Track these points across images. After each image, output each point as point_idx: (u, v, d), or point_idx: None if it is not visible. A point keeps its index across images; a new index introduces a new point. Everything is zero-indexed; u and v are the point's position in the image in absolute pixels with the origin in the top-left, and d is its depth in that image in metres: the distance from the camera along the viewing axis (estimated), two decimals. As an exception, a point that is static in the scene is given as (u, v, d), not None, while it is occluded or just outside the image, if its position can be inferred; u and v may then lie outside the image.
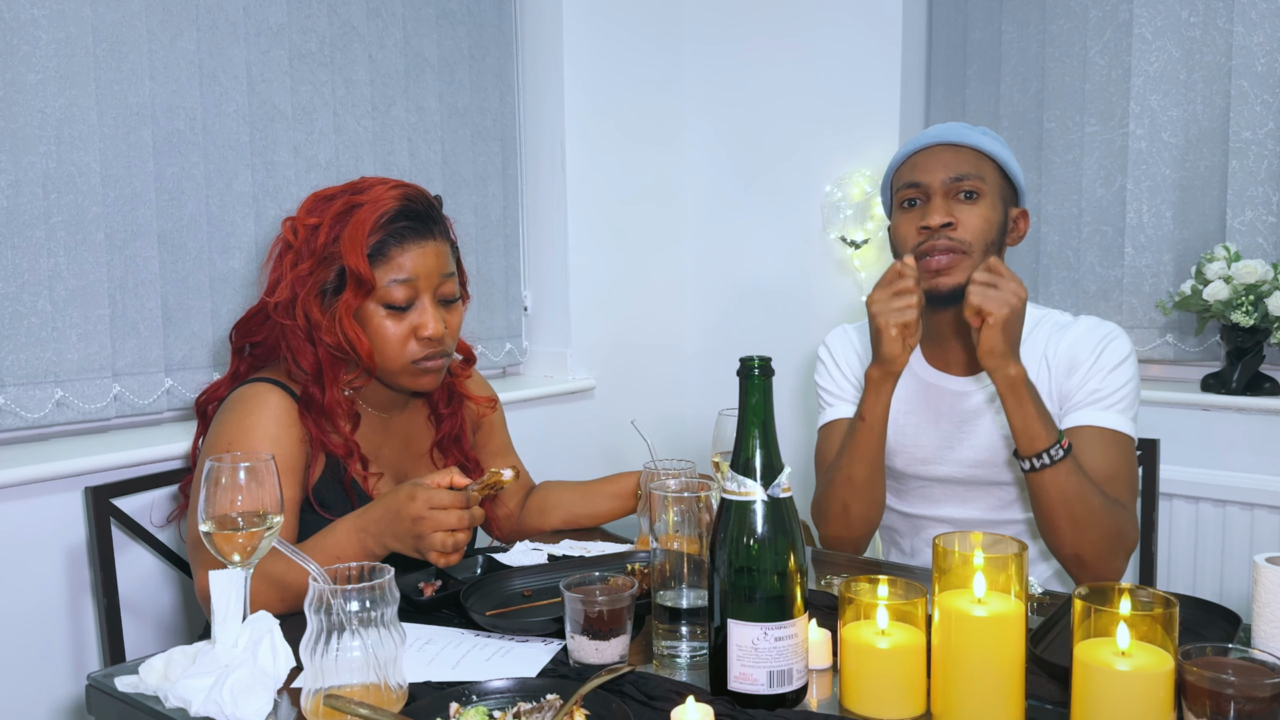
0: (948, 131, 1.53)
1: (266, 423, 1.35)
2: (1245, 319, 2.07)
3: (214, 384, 1.52)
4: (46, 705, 1.62)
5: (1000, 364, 1.37)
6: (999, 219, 1.51)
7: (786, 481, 1.03)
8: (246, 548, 1.06)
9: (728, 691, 1.01)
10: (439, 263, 1.40)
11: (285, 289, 1.38)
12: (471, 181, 2.44)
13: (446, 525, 1.23)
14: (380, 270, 1.36)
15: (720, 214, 2.85)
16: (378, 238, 1.36)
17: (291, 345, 1.39)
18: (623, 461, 2.64)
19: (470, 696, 0.98)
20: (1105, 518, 1.40)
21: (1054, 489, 1.38)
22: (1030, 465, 1.38)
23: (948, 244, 1.48)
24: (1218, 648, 0.89)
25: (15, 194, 1.63)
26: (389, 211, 1.37)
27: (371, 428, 1.48)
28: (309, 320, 1.38)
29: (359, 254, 1.34)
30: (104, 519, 1.59)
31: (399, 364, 1.40)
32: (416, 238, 1.38)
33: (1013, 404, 1.38)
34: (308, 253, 1.38)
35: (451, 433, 1.57)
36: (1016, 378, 1.37)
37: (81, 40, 1.69)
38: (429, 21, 2.31)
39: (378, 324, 1.38)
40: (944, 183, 1.49)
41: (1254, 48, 2.17)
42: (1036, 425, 1.37)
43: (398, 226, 1.37)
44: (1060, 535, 1.41)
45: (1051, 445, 1.37)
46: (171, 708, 1.01)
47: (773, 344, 2.64)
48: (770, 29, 2.71)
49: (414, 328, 1.39)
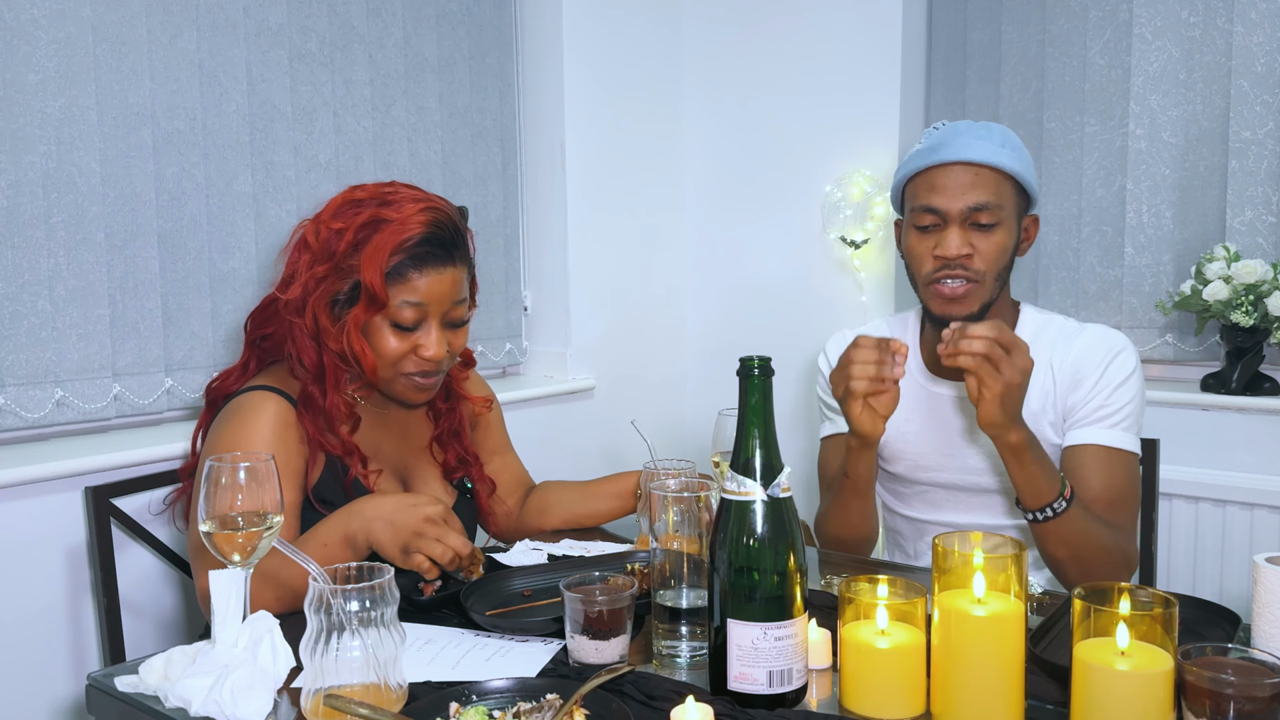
0: (969, 147, 1.45)
1: (263, 430, 1.36)
2: (1245, 319, 2.07)
3: (225, 371, 1.52)
4: (46, 705, 1.62)
5: (1000, 432, 1.32)
6: (1013, 242, 1.50)
7: (786, 481, 1.03)
8: (246, 548, 1.06)
9: (727, 691, 1.01)
10: (454, 289, 1.41)
11: (298, 288, 1.39)
12: (471, 181, 2.44)
13: (449, 542, 1.27)
14: (394, 290, 1.37)
15: (720, 214, 2.85)
16: (399, 259, 1.36)
17: (297, 342, 1.41)
18: (623, 462, 2.63)
19: (470, 696, 0.98)
20: (1110, 552, 1.40)
21: (1058, 537, 1.38)
22: (1034, 517, 1.38)
23: (964, 273, 1.46)
24: (1217, 647, 0.89)
25: (15, 194, 1.63)
26: (414, 237, 1.36)
27: (370, 424, 1.49)
28: (317, 323, 1.39)
29: (378, 274, 1.35)
30: (104, 519, 1.59)
31: (392, 375, 1.42)
32: (436, 264, 1.38)
33: (1015, 466, 1.35)
34: (325, 256, 1.38)
35: (450, 428, 1.58)
36: (1018, 444, 1.33)
37: (81, 40, 1.69)
38: (429, 22, 2.31)
39: (381, 338, 1.39)
40: (962, 211, 1.45)
41: (1254, 48, 2.17)
42: (1040, 482, 1.35)
43: (420, 251, 1.37)
44: (1066, 573, 1.42)
45: (1055, 499, 1.35)
46: (171, 708, 1.01)
47: (773, 344, 2.63)
48: (770, 29, 2.71)
49: (415, 346, 1.40)
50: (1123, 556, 1.43)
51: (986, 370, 1.28)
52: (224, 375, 1.51)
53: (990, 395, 1.28)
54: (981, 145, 1.45)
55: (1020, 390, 1.30)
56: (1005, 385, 1.28)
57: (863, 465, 1.47)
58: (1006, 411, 1.30)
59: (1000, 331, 1.28)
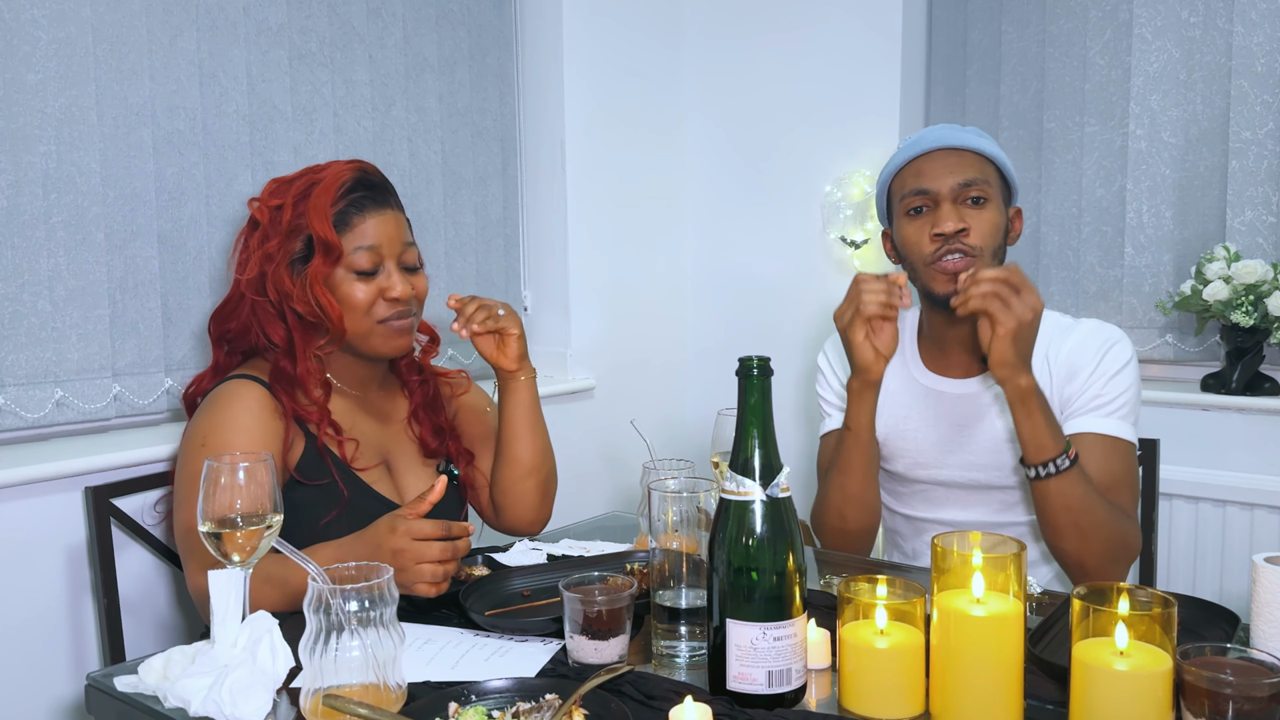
0: (947, 135, 1.51)
1: (239, 414, 1.38)
2: (1245, 319, 2.07)
3: (197, 376, 1.55)
4: (46, 705, 1.62)
5: (1011, 374, 1.35)
6: (1004, 222, 1.52)
7: (785, 481, 1.03)
8: (246, 548, 1.06)
9: (726, 691, 1.01)
10: (399, 231, 1.47)
11: (254, 266, 1.44)
12: (471, 181, 2.44)
13: (429, 557, 1.22)
14: (345, 238, 1.43)
15: (720, 214, 2.85)
16: (340, 206, 1.43)
17: (262, 321, 1.45)
18: (623, 461, 2.64)
19: (469, 696, 0.98)
20: (1109, 527, 1.40)
21: (1059, 497, 1.38)
22: (1036, 473, 1.38)
23: (963, 247, 1.47)
24: (1216, 647, 0.89)
25: (15, 194, 1.63)
26: (348, 182, 1.44)
27: (347, 406, 1.50)
28: (280, 292, 1.43)
29: (324, 221, 1.41)
30: (104, 519, 1.59)
31: (368, 325, 1.45)
32: (376, 206, 1.45)
33: (1021, 414, 1.37)
34: (274, 230, 1.44)
35: (424, 400, 1.59)
36: (1027, 388, 1.35)
37: (81, 40, 1.69)
38: (429, 22, 2.31)
39: (347, 289, 1.43)
40: (953, 189, 1.48)
41: (1254, 48, 2.17)
42: (1045, 435, 1.37)
43: (357, 196, 1.44)
44: (1065, 543, 1.41)
45: (1059, 455, 1.36)
46: (171, 707, 1.01)
47: (773, 344, 2.63)
48: (770, 29, 2.71)
49: (381, 290, 1.44)
50: (1122, 537, 1.42)
51: (997, 306, 1.32)
52: (197, 380, 1.55)
53: (1003, 332, 1.32)
54: (960, 134, 1.52)
55: (1032, 329, 1.33)
56: (1017, 322, 1.31)
57: (864, 412, 1.48)
58: (1018, 351, 1.33)
59: (1010, 273, 1.33)
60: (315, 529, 1.39)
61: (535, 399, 1.57)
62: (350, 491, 1.43)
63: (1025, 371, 1.35)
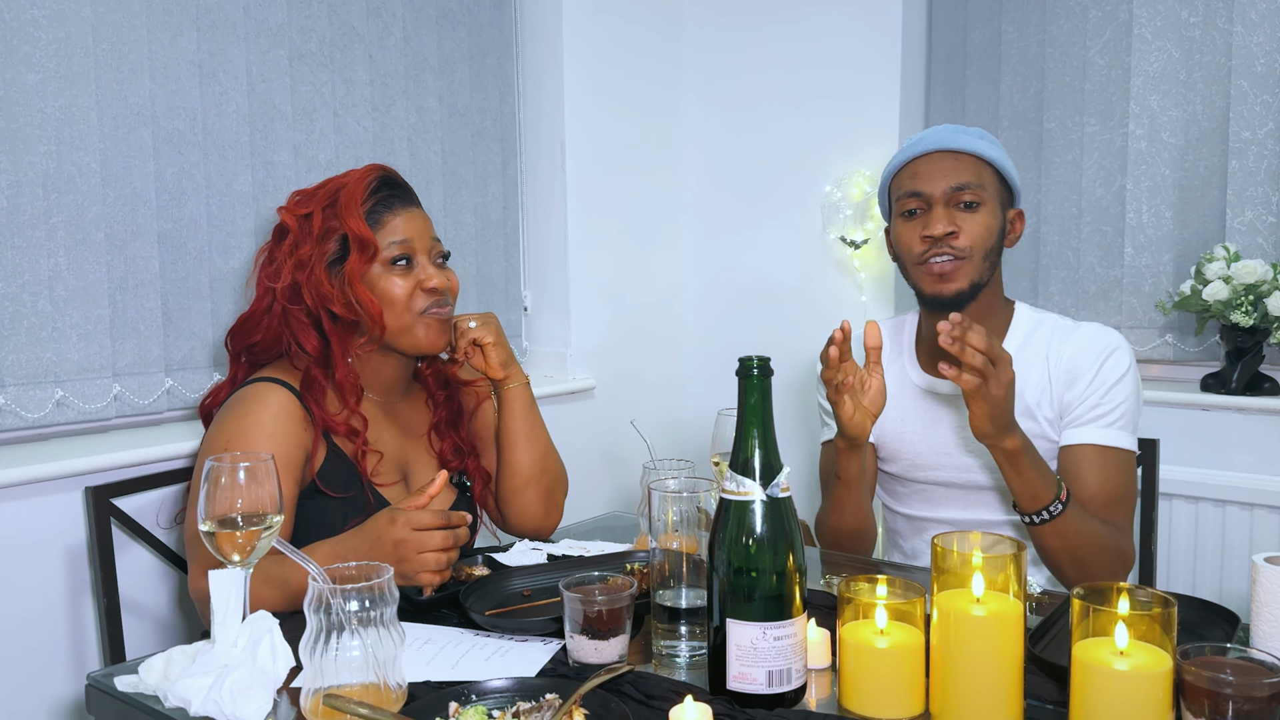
0: (946, 138, 1.52)
1: (264, 420, 1.37)
2: (1245, 319, 2.07)
3: (215, 388, 1.55)
4: (46, 705, 1.62)
5: (995, 441, 1.34)
6: (999, 225, 1.53)
7: (785, 481, 1.03)
8: (246, 548, 1.06)
9: (726, 691, 1.01)
10: (428, 226, 1.51)
11: (287, 274, 1.44)
12: (471, 181, 2.44)
13: (430, 546, 1.23)
14: (378, 234, 1.44)
15: (720, 214, 2.85)
16: (370, 205, 1.45)
17: (295, 330, 1.44)
18: (622, 461, 2.64)
19: (469, 696, 0.99)
20: (1107, 550, 1.41)
21: (1055, 538, 1.39)
22: (1031, 520, 1.39)
23: (951, 250, 1.49)
24: (1216, 647, 0.89)
25: (15, 194, 1.63)
26: (373, 182, 1.46)
27: (372, 415, 1.50)
28: (317, 295, 1.43)
29: (358, 219, 1.43)
30: (104, 519, 1.59)
31: (409, 319, 1.46)
32: (404, 204, 1.48)
33: (1012, 473, 1.36)
34: (305, 237, 1.44)
35: (448, 416, 1.59)
36: (1013, 450, 1.34)
37: (81, 40, 1.69)
38: (429, 22, 2.31)
39: (385, 284, 1.44)
40: (945, 192, 1.49)
41: (1254, 48, 2.17)
42: (1038, 486, 1.36)
43: (385, 195, 1.47)
44: (1064, 573, 1.43)
45: (1052, 502, 1.36)
46: (171, 707, 1.01)
47: (773, 344, 2.63)
48: (770, 29, 2.71)
49: (419, 282, 1.46)
50: (1119, 554, 1.44)
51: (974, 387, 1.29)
52: (215, 391, 1.54)
53: (980, 412, 1.30)
54: (959, 136, 1.52)
55: (1006, 402, 1.31)
56: (992, 405, 1.29)
57: (852, 467, 1.48)
58: (996, 423, 1.31)
59: (990, 345, 1.28)
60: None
61: (530, 405, 1.57)
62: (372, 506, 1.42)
63: (1008, 435, 1.33)
